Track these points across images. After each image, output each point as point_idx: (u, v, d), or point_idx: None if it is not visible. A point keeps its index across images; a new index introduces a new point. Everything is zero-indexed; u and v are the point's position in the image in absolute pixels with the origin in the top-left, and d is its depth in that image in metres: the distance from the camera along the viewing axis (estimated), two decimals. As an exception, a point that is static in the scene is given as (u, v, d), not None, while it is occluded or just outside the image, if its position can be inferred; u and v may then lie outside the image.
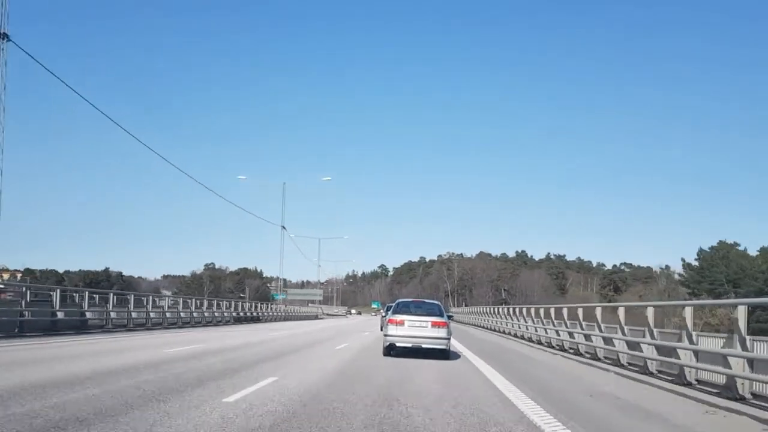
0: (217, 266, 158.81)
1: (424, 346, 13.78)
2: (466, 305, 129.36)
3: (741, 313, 8.47)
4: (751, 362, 8.20)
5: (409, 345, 13.88)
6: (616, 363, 13.21)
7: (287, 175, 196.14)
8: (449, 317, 15.40)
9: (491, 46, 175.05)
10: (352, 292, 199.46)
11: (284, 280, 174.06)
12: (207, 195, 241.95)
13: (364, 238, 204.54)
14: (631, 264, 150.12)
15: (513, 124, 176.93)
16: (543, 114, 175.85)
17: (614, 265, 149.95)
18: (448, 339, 14.06)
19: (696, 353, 9.76)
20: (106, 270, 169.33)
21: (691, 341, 9.90)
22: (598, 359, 14.48)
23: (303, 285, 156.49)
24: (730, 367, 8.52)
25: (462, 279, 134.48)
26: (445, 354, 14.04)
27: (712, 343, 9.93)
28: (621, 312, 13.32)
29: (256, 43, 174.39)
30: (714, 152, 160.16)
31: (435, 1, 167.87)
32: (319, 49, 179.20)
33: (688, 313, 10.16)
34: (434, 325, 13.79)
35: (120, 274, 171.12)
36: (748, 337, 8.36)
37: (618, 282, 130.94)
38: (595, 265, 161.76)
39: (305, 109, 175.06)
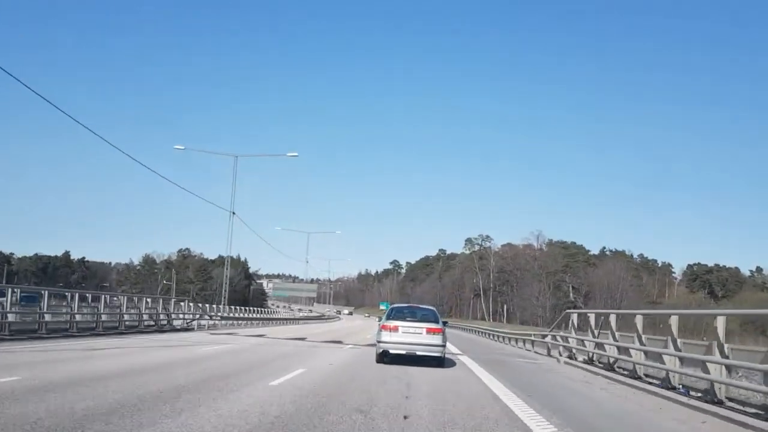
0: (191, 252, 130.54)
1: (418, 353, 13.54)
2: (509, 310, 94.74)
3: None
4: None
5: (403, 352, 13.61)
6: None
7: (289, 173, 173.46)
8: (444, 323, 14.52)
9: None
10: (360, 291, 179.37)
11: (294, 277, 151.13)
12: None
13: (375, 234, 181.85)
14: (705, 265, 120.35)
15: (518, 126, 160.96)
16: (544, 115, 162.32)
17: (688, 265, 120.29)
18: (443, 346, 13.83)
19: None
20: (66, 255, 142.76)
21: None
22: None
23: (313, 282, 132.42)
24: None
25: (503, 271, 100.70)
26: (439, 361, 13.70)
27: None
28: None
29: (254, 42, 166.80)
30: None
31: (436, 2, 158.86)
32: (325, 47, 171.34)
33: None
34: (429, 331, 13.60)
35: (82, 260, 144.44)
36: None
37: (714, 284, 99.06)
38: (660, 264, 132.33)
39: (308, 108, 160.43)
